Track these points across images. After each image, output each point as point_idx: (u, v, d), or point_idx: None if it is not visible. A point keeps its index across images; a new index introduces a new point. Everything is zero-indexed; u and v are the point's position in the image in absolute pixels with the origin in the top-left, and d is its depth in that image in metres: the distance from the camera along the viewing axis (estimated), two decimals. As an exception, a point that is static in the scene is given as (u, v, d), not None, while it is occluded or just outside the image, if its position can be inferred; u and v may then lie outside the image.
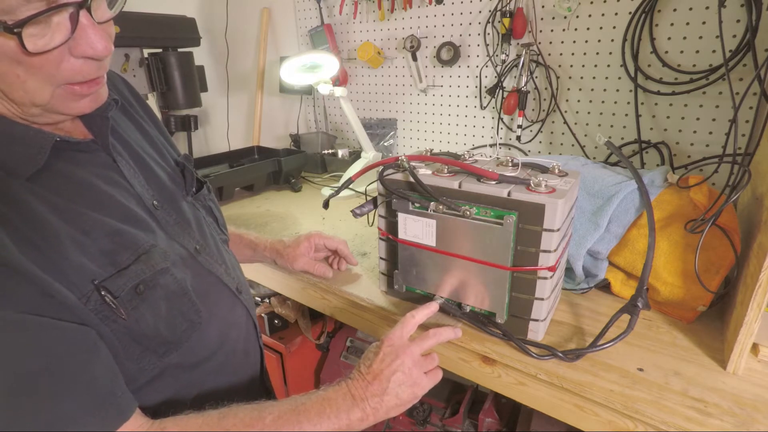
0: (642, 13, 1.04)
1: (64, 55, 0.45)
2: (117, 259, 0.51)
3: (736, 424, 0.56)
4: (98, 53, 0.46)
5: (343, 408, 0.56)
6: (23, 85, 0.44)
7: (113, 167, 0.57)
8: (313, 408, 0.55)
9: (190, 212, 0.66)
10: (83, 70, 0.47)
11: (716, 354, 0.68)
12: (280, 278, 1.00)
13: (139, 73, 1.33)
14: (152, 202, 0.59)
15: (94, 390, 0.47)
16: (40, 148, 0.49)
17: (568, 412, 0.66)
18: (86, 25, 0.44)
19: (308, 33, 1.68)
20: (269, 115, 1.88)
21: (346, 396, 0.57)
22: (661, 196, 0.80)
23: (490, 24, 1.28)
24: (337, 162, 1.63)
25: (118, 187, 0.56)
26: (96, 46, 0.45)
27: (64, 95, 0.48)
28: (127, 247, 0.53)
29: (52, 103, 0.47)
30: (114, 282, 0.50)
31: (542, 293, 0.68)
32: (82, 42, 0.45)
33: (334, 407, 0.56)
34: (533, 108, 1.30)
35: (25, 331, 0.43)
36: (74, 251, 0.48)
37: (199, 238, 0.65)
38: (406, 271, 0.78)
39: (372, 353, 0.62)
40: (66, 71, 0.45)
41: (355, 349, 1.44)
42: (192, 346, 0.59)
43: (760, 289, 0.57)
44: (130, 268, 0.52)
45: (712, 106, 1.03)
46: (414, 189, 0.72)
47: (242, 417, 0.53)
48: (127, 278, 0.51)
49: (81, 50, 0.45)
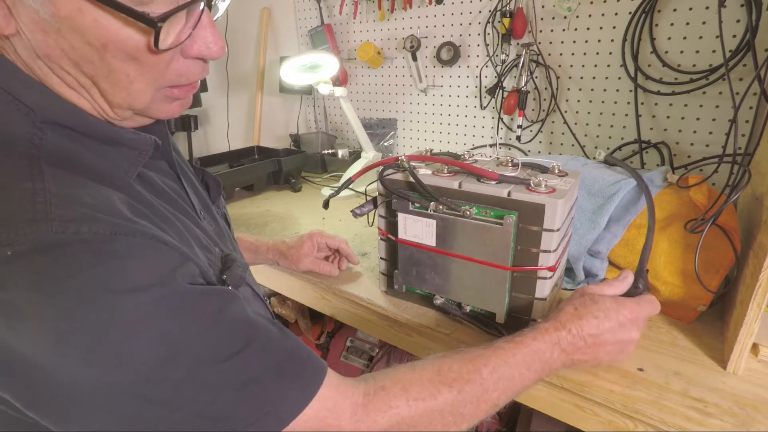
0: (642, 13, 1.04)
1: (176, 55, 0.42)
2: (211, 260, 0.49)
3: (736, 424, 0.56)
4: (213, 54, 0.43)
5: (549, 360, 0.55)
6: (129, 86, 0.41)
7: (171, 175, 0.55)
8: (523, 362, 0.53)
9: (221, 220, 0.64)
10: (190, 71, 0.44)
11: (716, 354, 0.68)
12: (280, 278, 1.00)
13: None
14: (200, 212, 0.57)
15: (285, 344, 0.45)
16: (144, 149, 0.46)
17: (567, 412, 0.66)
18: (206, 23, 0.42)
19: (308, 33, 1.68)
20: (269, 115, 1.88)
21: (555, 347, 0.55)
22: (660, 196, 0.80)
23: (490, 24, 1.28)
24: (337, 162, 1.63)
25: (179, 195, 0.54)
26: (212, 46, 0.43)
27: (162, 98, 0.45)
28: (212, 252, 0.51)
29: (148, 106, 0.44)
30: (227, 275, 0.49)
31: (542, 293, 0.68)
32: (198, 41, 0.42)
33: (542, 361, 0.55)
34: (533, 108, 1.30)
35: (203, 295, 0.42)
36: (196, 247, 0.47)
37: (233, 248, 0.63)
38: (406, 271, 0.78)
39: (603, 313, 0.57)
40: (173, 72, 0.43)
41: (355, 349, 1.43)
42: None
43: (760, 288, 0.57)
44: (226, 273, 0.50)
45: (712, 106, 1.03)
46: (414, 189, 0.72)
47: (459, 370, 0.51)
48: (234, 271, 0.50)
49: (196, 50, 0.43)
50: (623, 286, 0.63)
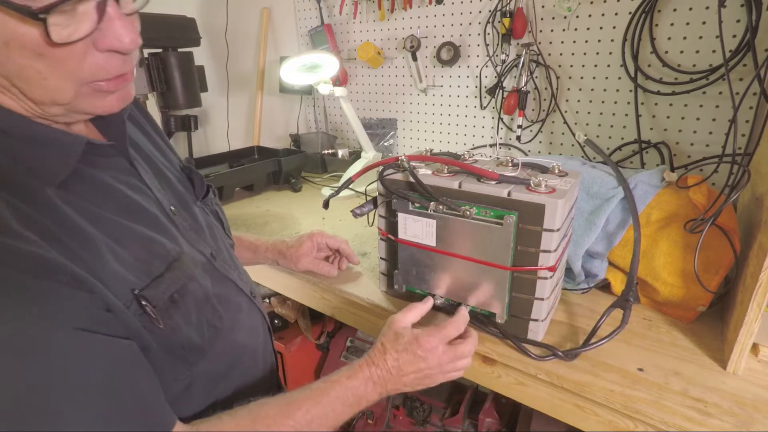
0: (642, 13, 1.04)
1: (89, 49, 0.42)
2: (151, 268, 0.50)
3: (736, 424, 0.56)
4: (125, 46, 0.43)
5: (364, 394, 0.60)
6: (44, 83, 0.41)
7: (132, 172, 0.55)
8: (337, 398, 0.58)
9: (202, 217, 0.65)
10: (108, 65, 0.44)
11: (716, 354, 0.68)
12: (280, 278, 1.00)
13: (139, 73, 1.33)
14: (170, 207, 0.58)
15: (143, 404, 0.46)
16: (71, 151, 0.46)
17: (568, 412, 0.66)
18: (113, 16, 0.42)
19: (308, 33, 1.68)
20: (269, 115, 1.88)
21: (368, 382, 0.61)
22: (660, 196, 0.80)
23: (490, 24, 1.28)
24: (337, 162, 1.63)
25: (140, 193, 0.54)
26: (123, 38, 0.42)
27: (90, 93, 0.45)
28: (158, 255, 0.51)
29: (75, 102, 0.44)
30: (152, 291, 0.49)
31: (542, 293, 0.68)
32: (108, 34, 0.42)
33: (356, 396, 0.59)
34: (533, 108, 1.30)
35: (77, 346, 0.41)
36: (112, 260, 0.46)
37: (212, 243, 0.64)
38: (406, 271, 0.78)
39: (402, 346, 0.62)
40: (90, 67, 0.43)
41: (355, 349, 1.44)
42: (217, 353, 0.58)
43: (760, 289, 0.57)
44: (165, 276, 0.51)
45: (712, 106, 1.03)
46: (414, 189, 0.72)
47: (273, 416, 0.53)
48: (164, 286, 0.50)
49: (107, 43, 0.42)
50: (425, 308, 0.70)
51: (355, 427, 1.41)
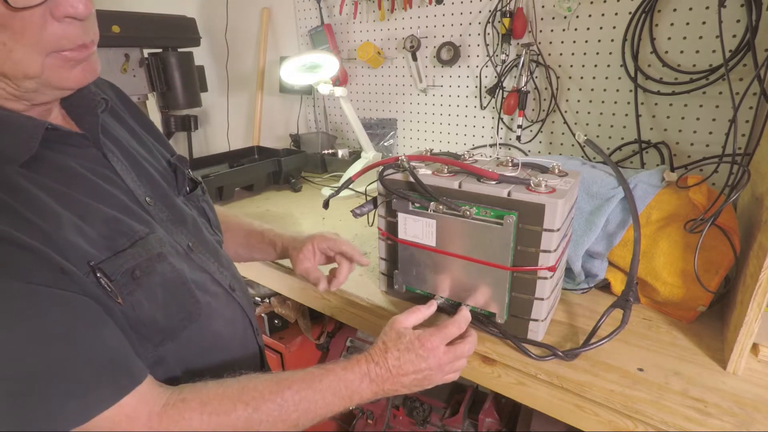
0: (642, 13, 1.04)
1: (47, 19, 0.44)
2: (113, 244, 0.52)
3: (736, 424, 0.56)
4: (79, 12, 0.45)
5: (358, 389, 0.59)
6: (10, 55, 0.44)
7: (104, 163, 0.57)
8: (329, 388, 0.57)
9: (185, 211, 0.66)
10: (68, 33, 0.46)
11: (716, 354, 0.68)
12: (280, 278, 1.00)
13: (139, 73, 1.33)
14: (145, 198, 0.60)
15: (106, 356, 0.47)
16: (32, 134, 0.49)
17: (568, 412, 0.66)
18: None
19: (308, 33, 1.68)
20: (269, 115, 1.88)
21: (364, 378, 0.59)
22: (660, 196, 0.80)
23: (490, 24, 1.28)
24: (337, 162, 1.63)
25: (109, 183, 0.56)
26: (76, 5, 0.45)
27: (56, 64, 0.47)
28: (123, 233, 0.53)
29: (45, 74, 0.47)
30: (110, 264, 0.50)
31: (542, 293, 0.68)
32: (62, 1, 0.44)
33: (349, 389, 0.58)
34: (533, 108, 1.30)
35: (36, 300, 0.44)
36: (73, 233, 0.48)
37: (193, 236, 0.65)
38: (406, 271, 0.78)
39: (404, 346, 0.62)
40: (51, 36, 0.45)
41: (355, 349, 1.44)
42: (190, 337, 0.59)
43: (760, 289, 0.57)
44: (127, 251, 0.52)
45: (712, 106, 1.03)
46: (414, 189, 0.72)
47: (261, 390, 0.53)
48: (123, 260, 0.51)
49: (62, 10, 0.45)
50: (428, 312, 0.69)
51: (355, 427, 1.41)
